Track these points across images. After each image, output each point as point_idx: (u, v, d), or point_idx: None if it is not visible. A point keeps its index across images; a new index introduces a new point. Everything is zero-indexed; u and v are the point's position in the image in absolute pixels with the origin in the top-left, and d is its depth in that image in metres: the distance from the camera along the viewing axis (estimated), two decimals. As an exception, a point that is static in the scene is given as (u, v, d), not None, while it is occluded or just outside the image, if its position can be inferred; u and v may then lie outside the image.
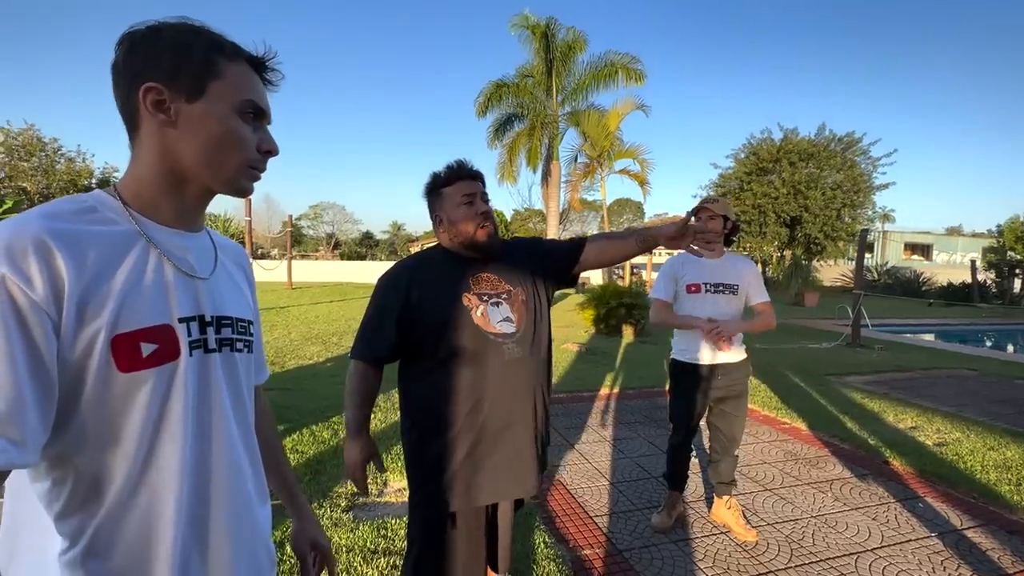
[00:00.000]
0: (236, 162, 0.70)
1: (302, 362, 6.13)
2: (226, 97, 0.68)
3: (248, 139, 0.70)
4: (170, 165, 0.68)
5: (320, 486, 2.84)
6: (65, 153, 21.44)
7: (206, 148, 0.68)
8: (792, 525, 2.60)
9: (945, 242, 33.16)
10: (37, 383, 0.56)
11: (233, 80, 0.69)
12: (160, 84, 0.65)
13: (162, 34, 0.66)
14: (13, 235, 0.57)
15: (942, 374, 6.33)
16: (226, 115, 0.68)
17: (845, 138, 18.97)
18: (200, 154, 0.68)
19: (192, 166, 0.68)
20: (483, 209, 1.41)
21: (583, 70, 14.82)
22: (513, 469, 1.42)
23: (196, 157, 0.68)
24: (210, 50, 0.68)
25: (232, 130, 0.68)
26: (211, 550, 0.70)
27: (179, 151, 0.67)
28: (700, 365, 2.44)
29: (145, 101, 0.65)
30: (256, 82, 0.72)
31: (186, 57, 0.66)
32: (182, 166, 0.68)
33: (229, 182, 0.71)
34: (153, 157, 0.68)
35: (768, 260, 20.40)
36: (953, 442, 3.80)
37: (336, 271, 25.08)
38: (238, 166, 0.70)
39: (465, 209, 1.40)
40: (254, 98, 0.71)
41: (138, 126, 0.67)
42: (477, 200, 1.41)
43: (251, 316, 0.82)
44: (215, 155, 0.68)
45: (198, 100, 0.67)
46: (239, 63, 0.70)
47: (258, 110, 0.71)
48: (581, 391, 5.10)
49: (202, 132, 0.67)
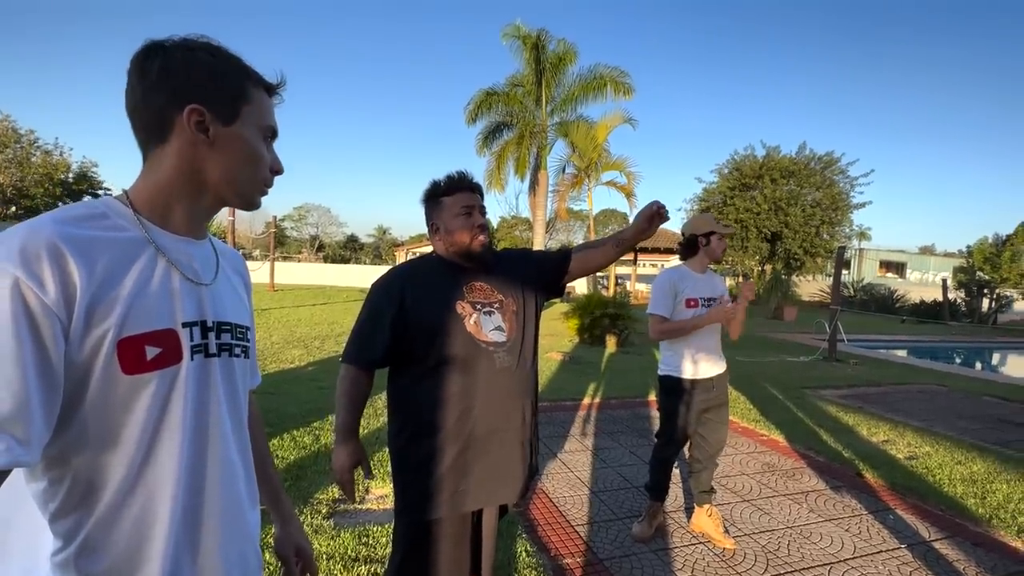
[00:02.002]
0: (256, 180, 0.77)
1: (283, 366, 6.05)
2: (254, 121, 0.74)
3: (267, 160, 0.77)
4: (195, 178, 0.72)
5: (301, 491, 2.80)
6: (42, 146, 20.85)
7: (235, 167, 0.73)
8: (768, 535, 2.65)
9: (918, 261, 34.25)
10: (44, 384, 0.57)
11: (259, 106, 0.75)
12: (202, 106, 0.69)
13: (196, 55, 0.71)
14: (27, 239, 0.58)
15: (913, 389, 6.52)
16: (255, 138, 0.75)
17: (825, 157, 19.52)
18: (227, 171, 0.73)
19: (217, 182, 0.73)
20: (480, 222, 1.45)
21: (573, 81, 15.02)
22: (500, 475, 1.44)
23: (223, 174, 0.73)
24: (242, 76, 0.74)
25: (258, 152, 0.75)
26: (202, 551, 0.70)
27: (208, 167, 0.72)
28: (691, 379, 2.48)
29: (189, 121, 0.69)
30: (272, 106, 0.78)
31: (225, 83, 0.72)
32: (206, 180, 0.72)
33: (245, 197, 0.77)
34: (178, 169, 0.71)
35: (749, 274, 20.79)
36: (923, 456, 3.92)
37: (319, 274, 24.81)
38: (257, 184, 0.77)
39: (463, 220, 1.44)
40: (274, 123, 0.78)
41: (167, 139, 0.70)
42: (475, 212, 1.45)
43: (249, 322, 0.83)
44: (240, 173, 0.74)
45: (233, 123, 0.72)
46: (261, 90, 0.76)
47: (275, 133, 0.79)
48: (564, 400, 5.12)
49: (234, 152, 0.73)
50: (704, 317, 2.44)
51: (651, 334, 2.53)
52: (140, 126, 0.70)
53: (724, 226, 2.52)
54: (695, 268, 2.56)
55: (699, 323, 2.44)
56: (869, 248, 30.59)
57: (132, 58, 0.70)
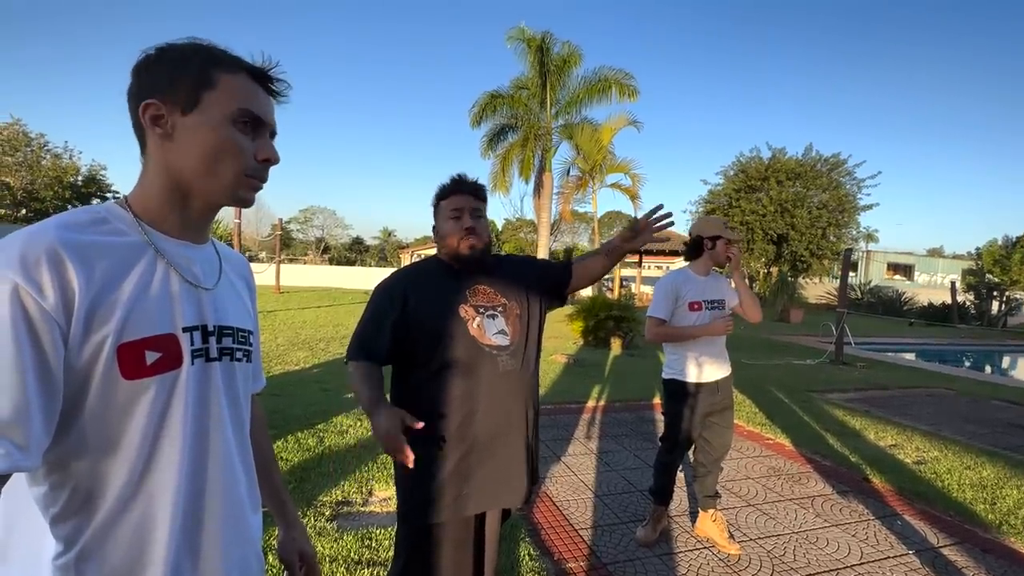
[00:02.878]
0: (233, 171, 0.70)
1: (288, 368, 6.07)
2: (220, 106, 0.68)
3: (244, 148, 0.70)
4: (173, 178, 0.70)
5: (304, 494, 2.81)
6: (52, 149, 21.08)
7: (202, 158, 0.68)
8: (774, 541, 2.63)
9: (926, 263, 33.94)
10: (43, 389, 0.57)
11: (228, 90, 0.69)
12: (157, 99, 0.67)
13: (165, 53, 0.69)
14: (27, 245, 0.58)
15: (921, 393, 6.45)
16: (219, 124, 0.68)
17: (831, 159, 19.42)
18: (197, 165, 0.68)
19: (191, 178, 0.69)
20: (468, 224, 1.44)
21: (577, 84, 15.04)
22: (502, 479, 1.43)
23: (194, 168, 0.68)
24: (206, 62, 0.69)
25: (226, 139, 0.69)
26: (203, 556, 0.70)
27: (178, 164, 0.69)
28: (696, 383, 2.47)
29: (144, 117, 0.67)
30: (255, 91, 0.72)
31: (182, 71, 0.68)
32: (183, 179, 0.70)
33: (228, 192, 0.71)
34: (157, 172, 0.70)
35: (755, 276, 20.69)
36: (931, 460, 3.87)
37: (325, 276, 24.90)
38: (235, 175, 0.70)
39: (452, 224, 1.45)
40: (249, 107, 0.71)
41: (145, 143, 0.70)
42: (464, 215, 1.44)
43: (251, 326, 0.83)
44: (211, 165, 0.69)
45: (192, 112, 0.68)
46: (237, 74, 0.70)
47: (255, 119, 0.71)
48: (568, 403, 5.11)
49: (197, 142, 0.68)
50: (703, 328, 2.44)
51: (647, 335, 2.55)
52: (134, 133, 0.71)
53: (731, 232, 2.50)
54: (698, 271, 2.54)
55: (697, 333, 2.44)
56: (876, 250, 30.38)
57: None
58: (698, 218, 2.66)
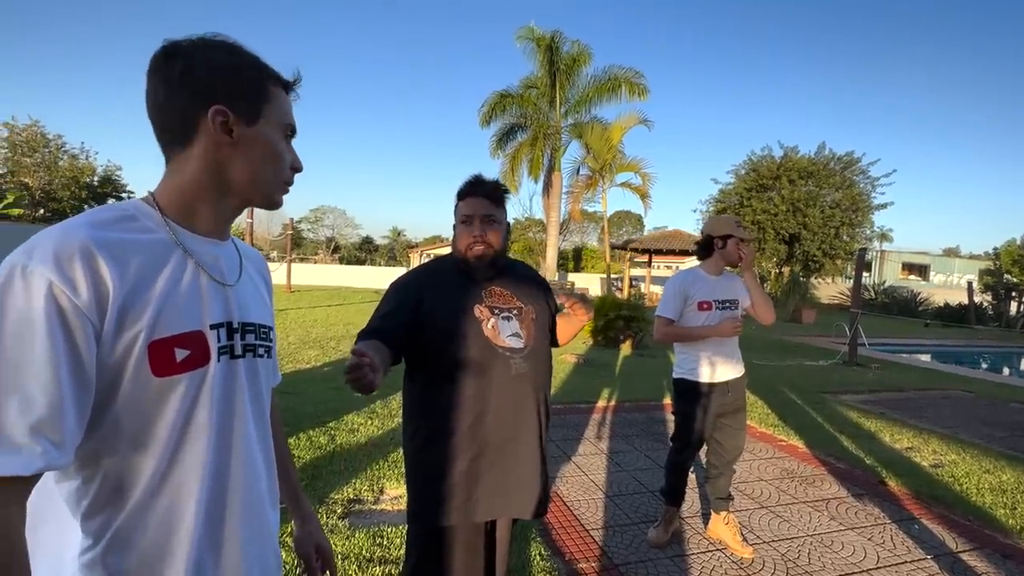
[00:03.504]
0: (278, 179, 0.76)
1: (299, 366, 6.12)
2: (275, 119, 0.74)
3: (288, 158, 0.77)
4: (219, 179, 0.71)
5: (316, 491, 2.83)
6: (69, 150, 21.46)
7: (259, 167, 0.73)
8: (788, 544, 2.59)
9: (942, 263, 33.37)
10: (77, 387, 0.58)
11: (278, 105, 0.75)
12: (226, 106, 0.69)
13: (218, 55, 0.70)
14: (61, 243, 0.59)
15: (937, 395, 6.34)
16: (276, 137, 0.75)
17: (844, 157, 19.16)
18: (250, 171, 0.73)
19: (240, 181, 0.73)
20: (476, 232, 1.43)
21: (587, 83, 15.00)
22: (513, 485, 1.42)
23: (246, 174, 0.73)
24: (265, 77, 0.74)
25: (279, 151, 0.75)
26: (224, 551, 0.71)
27: (232, 167, 0.71)
28: (707, 383, 2.45)
29: (214, 122, 0.69)
30: (290, 103, 0.78)
31: (246, 82, 0.72)
32: (230, 180, 0.72)
33: (268, 196, 0.77)
34: (202, 170, 0.70)
35: (767, 276, 20.49)
36: (949, 464, 3.81)
37: (335, 275, 25.08)
38: (279, 182, 0.77)
39: (461, 228, 1.46)
40: (293, 121, 0.78)
41: (192, 141, 0.70)
42: (475, 221, 1.43)
43: (271, 322, 0.84)
44: (263, 172, 0.74)
45: (256, 123, 0.72)
46: (279, 88, 0.75)
47: (294, 131, 0.78)
48: (579, 403, 5.09)
49: (257, 152, 0.73)
50: (711, 328, 2.42)
51: (655, 335, 2.54)
52: (162, 128, 0.70)
53: (743, 231, 2.47)
54: (709, 270, 2.51)
55: (704, 333, 2.42)
56: (891, 250, 29.93)
57: (151, 60, 0.69)
58: (709, 217, 2.62)
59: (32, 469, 0.54)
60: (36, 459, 0.55)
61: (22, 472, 0.54)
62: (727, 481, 2.57)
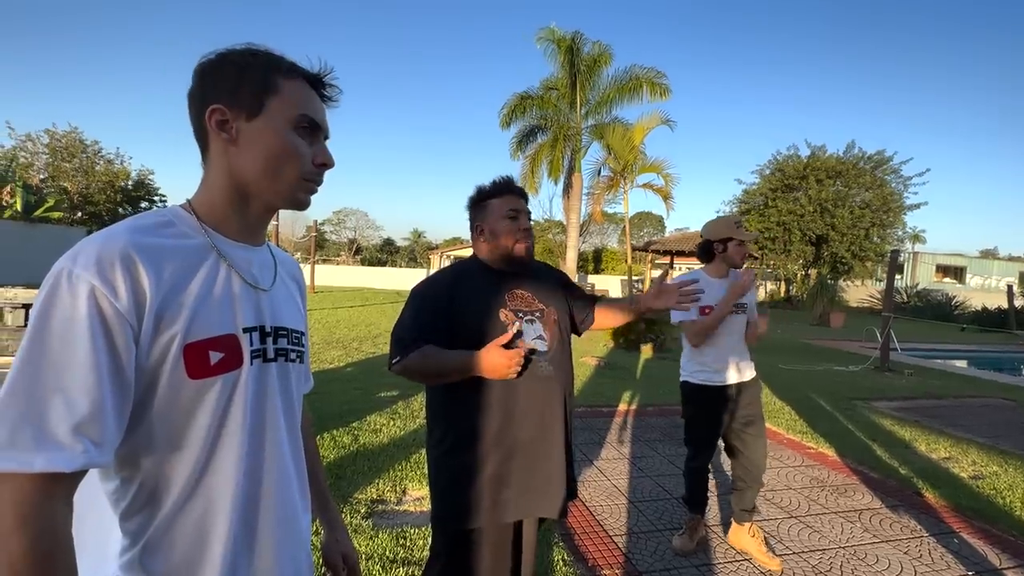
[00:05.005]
0: (293, 175, 0.72)
1: (323, 366, 6.21)
2: (283, 112, 0.71)
3: (304, 152, 0.73)
4: (235, 181, 0.72)
5: (340, 491, 2.86)
6: (105, 155, 22.29)
7: (265, 162, 0.70)
8: (819, 555, 2.52)
9: (979, 265, 32.02)
10: (117, 388, 0.59)
11: (289, 96, 0.71)
12: (223, 104, 0.69)
13: (226, 59, 0.71)
14: (102, 248, 0.60)
15: (976, 402, 6.09)
16: (282, 129, 0.71)
17: (875, 156, 18.62)
18: (259, 169, 0.71)
19: (253, 181, 0.72)
20: (525, 225, 1.45)
21: (607, 83, 14.89)
22: (541, 486, 1.41)
23: (256, 172, 0.71)
24: (268, 68, 0.71)
25: (288, 144, 0.71)
26: (257, 554, 0.71)
27: (241, 168, 0.71)
28: (716, 386, 2.40)
29: (211, 122, 0.69)
30: (312, 97, 0.75)
31: (246, 76, 0.70)
32: (245, 182, 0.72)
33: (287, 196, 0.74)
34: (220, 175, 0.72)
35: (792, 278, 20.01)
36: (990, 475, 3.64)
37: (357, 276, 25.47)
38: (295, 179, 0.73)
39: (508, 223, 1.43)
40: (308, 112, 0.73)
41: (207, 147, 0.72)
42: (522, 216, 1.45)
43: (303, 327, 0.85)
44: (273, 168, 0.71)
45: (257, 117, 0.70)
46: (296, 79, 0.73)
47: (313, 124, 0.74)
48: (600, 406, 5.05)
49: (261, 147, 0.70)
50: (723, 300, 2.34)
51: (690, 341, 2.44)
52: (195, 137, 0.73)
53: (744, 231, 2.39)
54: (712, 274, 2.46)
55: (725, 309, 2.34)
56: (924, 251, 28.88)
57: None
58: (708, 221, 2.54)
59: (75, 466, 0.56)
60: (78, 456, 0.56)
61: (65, 468, 0.55)
62: (753, 495, 2.49)
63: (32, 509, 0.54)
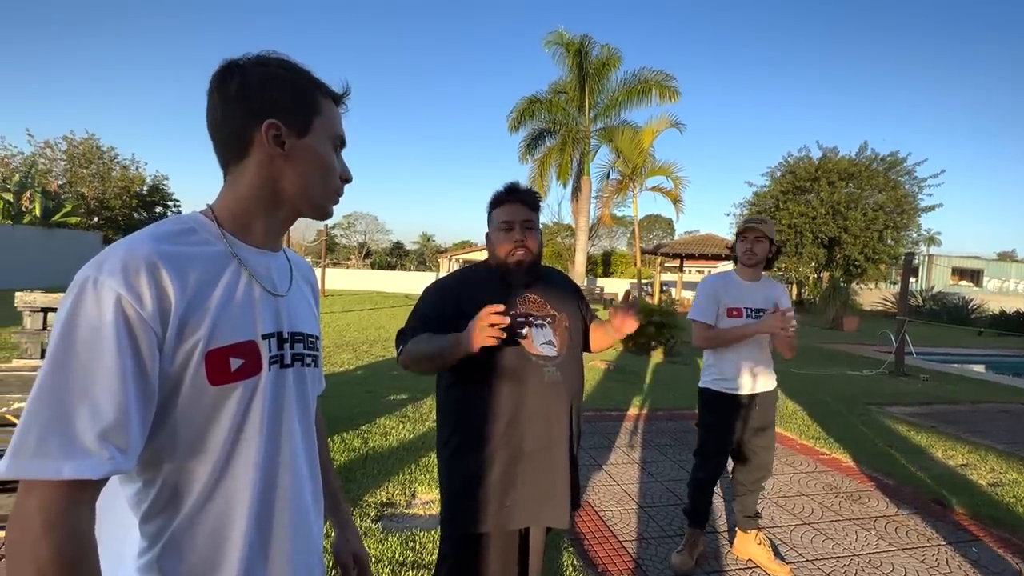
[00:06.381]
0: (329, 189, 0.78)
1: (333, 369, 6.25)
2: (325, 131, 0.76)
3: (338, 169, 0.79)
4: (273, 191, 0.74)
5: (350, 494, 2.87)
6: (120, 161, 22.69)
7: (309, 178, 0.75)
8: (833, 563, 2.48)
9: (997, 268, 31.40)
10: (141, 395, 0.60)
11: (329, 116, 0.77)
12: (279, 120, 0.71)
13: (271, 71, 0.73)
14: (128, 256, 0.61)
15: (994, 408, 5.96)
16: (326, 149, 0.76)
17: (888, 158, 18.39)
18: (302, 183, 0.75)
19: (293, 193, 0.75)
20: (518, 237, 1.43)
21: (616, 87, 14.87)
22: (547, 493, 1.41)
23: (298, 186, 0.75)
24: (315, 90, 0.76)
25: (330, 162, 0.77)
26: (272, 558, 0.72)
27: (285, 180, 0.74)
28: (737, 395, 2.33)
29: (267, 136, 0.71)
30: (339, 115, 0.80)
31: (298, 96, 0.74)
32: (283, 192, 0.75)
33: (319, 207, 0.79)
34: (257, 183, 0.73)
35: (804, 282, 19.79)
36: (1010, 483, 3.56)
37: (367, 280, 25.62)
38: (331, 192, 0.79)
39: (502, 234, 1.45)
40: (342, 132, 0.79)
41: (247, 155, 0.73)
42: (516, 227, 1.44)
43: (318, 332, 0.86)
44: (314, 183, 0.76)
45: (306, 135, 0.74)
46: (329, 99, 0.78)
47: (343, 142, 0.80)
48: (610, 410, 5.02)
49: (308, 163, 0.75)
50: (753, 326, 2.26)
51: (694, 341, 2.41)
52: (221, 143, 0.73)
53: (759, 221, 2.34)
54: (743, 275, 2.40)
55: (747, 332, 2.27)
56: (939, 254, 28.40)
57: (211, 78, 0.72)
58: None
59: (101, 473, 0.57)
60: (104, 463, 0.57)
61: (92, 476, 0.56)
62: (754, 499, 2.44)
63: (59, 516, 0.55)
